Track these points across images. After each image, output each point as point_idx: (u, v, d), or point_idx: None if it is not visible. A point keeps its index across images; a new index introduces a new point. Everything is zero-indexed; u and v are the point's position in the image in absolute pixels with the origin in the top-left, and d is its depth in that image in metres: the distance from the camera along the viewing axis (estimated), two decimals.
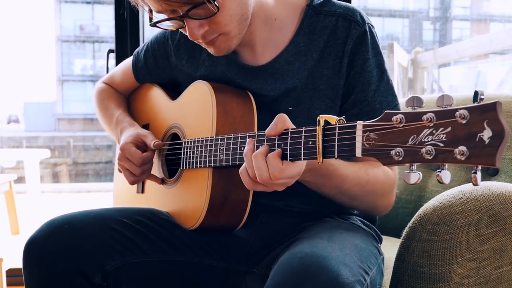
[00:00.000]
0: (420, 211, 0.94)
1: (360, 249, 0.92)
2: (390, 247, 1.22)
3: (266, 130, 0.87)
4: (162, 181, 1.21)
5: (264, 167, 0.84)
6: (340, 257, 0.83)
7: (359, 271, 0.85)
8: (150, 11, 1.01)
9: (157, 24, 1.03)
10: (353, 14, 1.08)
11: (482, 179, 1.31)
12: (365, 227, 1.12)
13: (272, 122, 0.87)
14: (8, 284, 2.30)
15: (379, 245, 1.12)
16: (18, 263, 2.31)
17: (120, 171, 1.20)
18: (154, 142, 1.16)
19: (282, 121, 0.86)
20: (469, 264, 0.90)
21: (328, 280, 0.78)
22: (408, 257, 0.92)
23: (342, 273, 0.79)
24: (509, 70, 6.23)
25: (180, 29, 1.04)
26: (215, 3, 0.94)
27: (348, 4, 1.10)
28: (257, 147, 0.88)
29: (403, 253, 0.93)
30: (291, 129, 0.86)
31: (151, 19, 1.03)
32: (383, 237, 1.21)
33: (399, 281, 0.93)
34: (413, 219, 0.94)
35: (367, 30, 1.07)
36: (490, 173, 1.33)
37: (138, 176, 1.17)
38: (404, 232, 0.95)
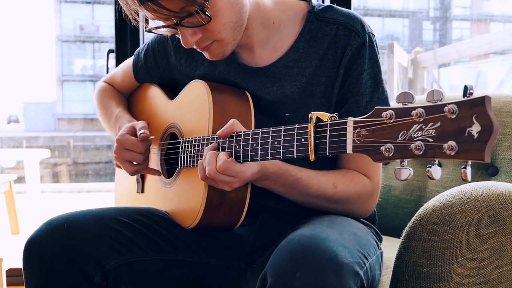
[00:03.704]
0: (420, 211, 0.94)
1: (360, 237, 0.92)
2: (390, 247, 1.22)
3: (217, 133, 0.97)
4: (160, 174, 1.21)
5: (213, 161, 0.94)
6: (339, 239, 0.83)
7: (358, 255, 0.85)
8: (146, 20, 1.02)
9: (153, 31, 1.03)
10: (354, 23, 1.07)
11: (482, 179, 1.32)
12: (364, 225, 1.12)
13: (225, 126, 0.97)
14: (8, 284, 2.29)
15: (379, 243, 1.12)
16: (18, 263, 2.30)
17: (118, 166, 1.20)
18: (141, 133, 1.13)
19: (231, 125, 0.96)
20: (469, 264, 0.90)
21: (326, 260, 0.78)
22: (408, 257, 0.92)
23: (341, 253, 0.79)
24: (509, 70, 6.23)
25: (176, 35, 1.04)
26: (207, 13, 0.94)
27: (350, 11, 1.10)
28: (252, 145, 0.92)
29: (403, 253, 0.93)
30: (284, 126, 0.87)
31: (146, 25, 1.04)
32: (383, 237, 1.21)
33: (399, 281, 0.93)
34: (413, 219, 0.94)
35: (367, 40, 1.07)
36: (490, 173, 1.33)
37: (142, 164, 1.16)
38: (404, 232, 0.94)
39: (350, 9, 2.04)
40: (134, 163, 1.16)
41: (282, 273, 0.79)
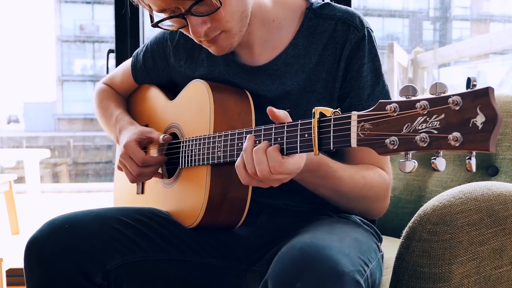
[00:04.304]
0: (420, 211, 0.94)
1: (360, 243, 0.92)
2: (390, 247, 1.22)
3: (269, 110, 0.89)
4: (163, 177, 1.21)
5: (264, 161, 0.86)
6: (340, 247, 0.83)
7: (359, 262, 0.85)
8: (152, 11, 1.01)
9: (159, 24, 1.02)
10: (353, 18, 1.08)
11: (482, 179, 1.32)
12: (365, 226, 1.12)
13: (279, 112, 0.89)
14: (8, 284, 2.29)
15: (379, 244, 1.13)
16: (18, 263, 2.30)
17: (120, 169, 1.20)
18: (164, 136, 1.15)
19: (285, 116, 0.89)
20: (469, 264, 0.90)
21: (327, 269, 0.78)
22: (408, 257, 0.92)
23: (342, 262, 0.80)
24: (509, 70, 6.22)
25: (181, 29, 1.03)
26: None
27: (348, 7, 1.11)
28: (255, 143, 0.90)
29: (403, 253, 0.93)
30: (287, 122, 0.87)
31: (152, 20, 1.03)
32: (383, 237, 1.21)
33: (399, 281, 0.93)
34: (413, 219, 0.94)
35: (365, 34, 1.07)
36: (490, 173, 1.33)
37: (136, 177, 1.16)
38: (404, 232, 0.95)
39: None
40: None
41: (283, 282, 0.79)
